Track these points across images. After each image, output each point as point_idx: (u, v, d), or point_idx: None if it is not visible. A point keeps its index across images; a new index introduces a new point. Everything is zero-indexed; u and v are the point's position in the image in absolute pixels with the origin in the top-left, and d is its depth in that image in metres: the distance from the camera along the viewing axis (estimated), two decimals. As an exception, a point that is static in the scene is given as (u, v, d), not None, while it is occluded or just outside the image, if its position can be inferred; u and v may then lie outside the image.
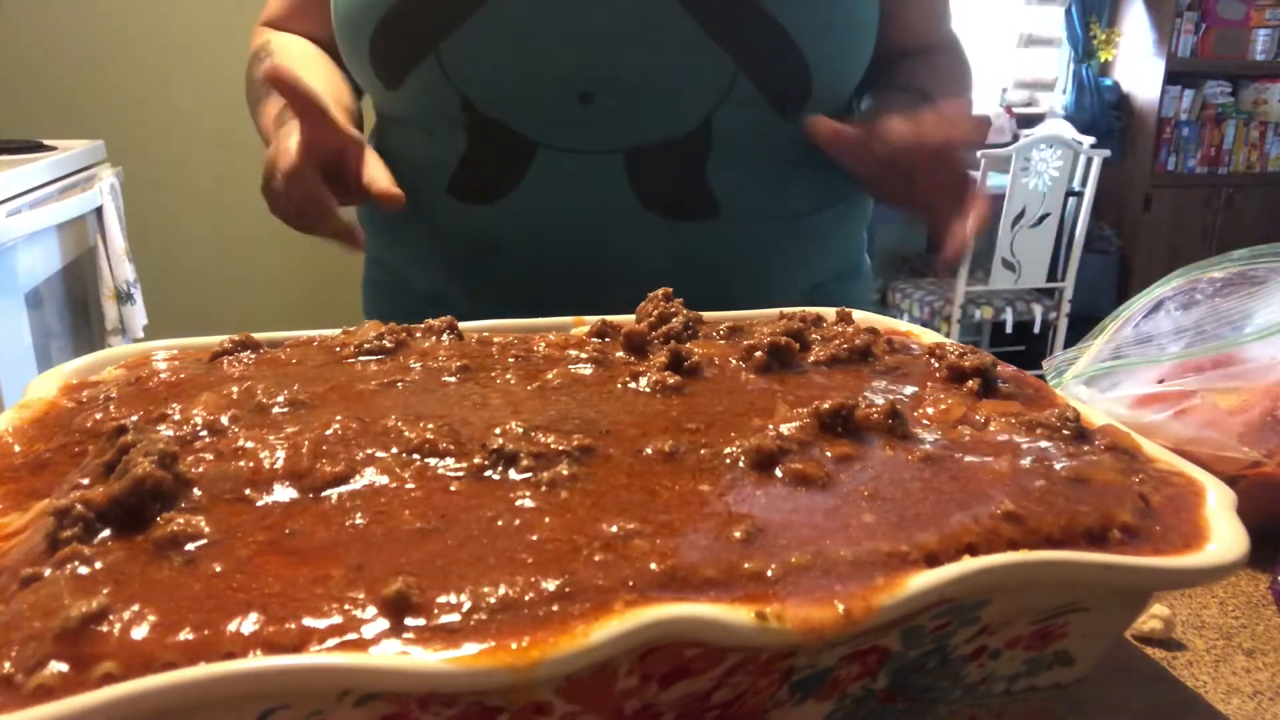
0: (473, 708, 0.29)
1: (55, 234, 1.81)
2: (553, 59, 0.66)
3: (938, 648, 0.36)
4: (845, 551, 0.34)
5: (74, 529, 0.33)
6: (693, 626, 0.30)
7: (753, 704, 0.34)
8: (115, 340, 2.03)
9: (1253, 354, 0.65)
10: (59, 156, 1.90)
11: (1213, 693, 0.47)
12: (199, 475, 0.37)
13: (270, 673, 0.27)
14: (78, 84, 2.72)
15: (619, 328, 0.59)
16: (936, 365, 0.55)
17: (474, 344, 0.57)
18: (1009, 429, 0.46)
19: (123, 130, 2.70)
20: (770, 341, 0.53)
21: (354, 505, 0.36)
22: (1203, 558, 0.36)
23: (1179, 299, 0.73)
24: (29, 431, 0.45)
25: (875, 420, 0.44)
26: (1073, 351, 0.78)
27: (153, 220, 2.78)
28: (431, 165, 0.73)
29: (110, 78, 2.74)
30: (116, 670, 0.27)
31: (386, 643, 0.29)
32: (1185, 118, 3.73)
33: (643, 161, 0.66)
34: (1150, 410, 0.65)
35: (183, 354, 0.56)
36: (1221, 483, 0.41)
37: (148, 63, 2.75)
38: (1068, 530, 0.37)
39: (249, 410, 0.44)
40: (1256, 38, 3.73)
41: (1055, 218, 2.88)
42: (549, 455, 0.40)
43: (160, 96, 2.77)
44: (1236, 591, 0.57)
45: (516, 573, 0.32)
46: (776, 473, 0.40)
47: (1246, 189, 3.84)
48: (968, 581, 0.33)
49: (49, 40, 2.68)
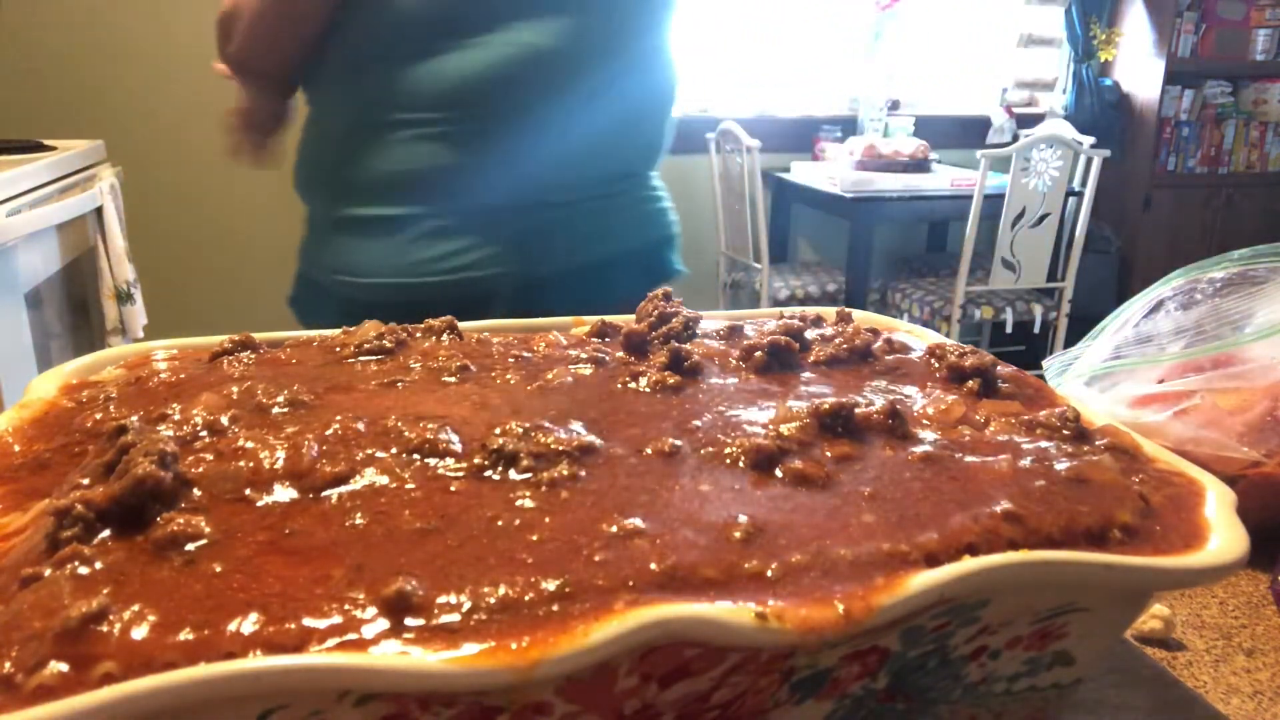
0: (473, 708, 0.29)
1: (55, 234, 1.81)
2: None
3: (938, 648, 0.36)
4: (845, 551, 0.34)
5: (74, 529, 0.33)
6: (693, 626, 0.30)
7: (753, 704, 0.34)
8: (115, 340, 2.03)
9: (1253, 354, 0.65)
10: (59, 156, 1.90)
11: (1213, 693, 0.47)
12: (199, 475, 0.37)
13: (270, 673, 0.27)
14: (78, 84, 2.71)
15: (619, 328, 0.59)
16: (936, 365, 0.55)
17: (474, 344, 0.57)
18: (1009, 429, 0.46)
19: (123, 130, 2.70)
20: (770, 341, 0.53)
21: (354, 505, 0.36)
22: (1203, 558, 0.36)
23: (1179, 299, 0.73)
24: (29, 431, 0.45)
25: (875, 420, 0.44)
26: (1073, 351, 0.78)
27: (153, 220, 2.78)
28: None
29: (110, 78, 2.73)
30: (116, 670, 0.27)
31: (386, 643, 0.29)
32: (1185, 118, 3.73)
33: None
34: (1150, 410, 0.65)
35: (183, 354, 0.56)
36: (1221, 483, 0.41)
37: (148, 63, 2.74)
38: (1068, 530, 0.37)
39: (249, 410, 0.44)
40: (1256, 38, 3.72)
41: (1055, 218, 2.88)
42: (549, 455, 0.40)
43: (160, 96, 2.77)
44: (1236, 591, 0.57)
45: (516, 573, 0.32)
46: (776, 473, 0.40)
47: (1246, 189, 3.84)
48: (968, 581, 0.33)
49: (49, 40, 2.68)
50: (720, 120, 3.17)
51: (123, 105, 2.76)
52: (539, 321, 0.62)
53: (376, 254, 0.92)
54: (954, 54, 3.80)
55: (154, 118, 2.79)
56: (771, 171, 3.39)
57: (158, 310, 2.36)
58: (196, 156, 2.83)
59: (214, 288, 2.95)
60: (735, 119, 3.14)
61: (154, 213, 2.79)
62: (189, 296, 2.90)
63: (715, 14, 3.40)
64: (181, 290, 2.87)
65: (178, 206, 2.87)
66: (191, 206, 2.88)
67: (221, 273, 2.94)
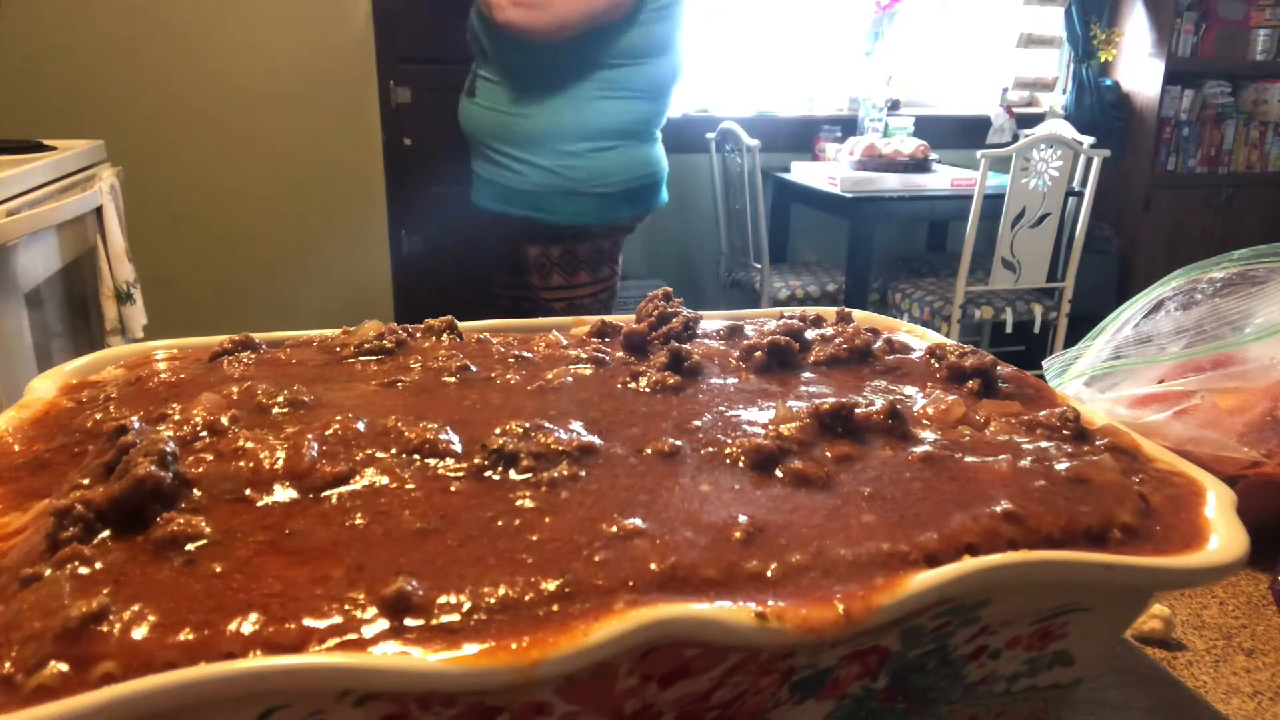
0: (473, 708, 0.29)
1: (55, 234, 1.80)
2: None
3: (938, 648, 0.36)
4: (845, 551, 0.34)
5: (74, 529, 0.33)
6: (693, 626, 0.30)
7: (753, 704, 0.34)
8: (115, 340, 2.03)
9: (1253, 354, 0.65)
10: (59, 156, 1.90)
11: (1213, 693, 0.47)
12: (199, 475, 0.37)
13: (270, 673, 0.27)
14: (78, 84, 2.71)
15: (619, 328, 0.59)
16: (936, 365, 0.55)
17: (474, 344, 0.57)
18: (1009, 429, 0.46)
19: (123, 130, 2.70)
20: (770, 341, 0.53)
21: (354, 505, 0.36)
22: (1203, 558, 0.36)
23: (1179, 299, 0.73)
24: (29, 431, 0.45)
25: (875, 420, 0.44)
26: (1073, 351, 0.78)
27: (153, 220, 2.78)
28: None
29: (110, 78, 2.73)
30: (116, 670, 0.27)
31: (386, 643, 0.29)
32: (1185, 118, 3.72)
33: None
34: (1150, 410, 0.65)
35: (183, 354, 0.56)
36: (1221, 483, 0.41)
37: (148, 63, 2.74)
38: (1068, 530, 0.37)
39: (249, 410, 0.44)
40: (1256, 38, 3.72)
41: (1055, 218, 2.87)
42: (549, 455, 0.40)
43: (160, 96, 2.77)
44: (1236, 591, 0.57)
45: (517, 573, 0.32)
46: (776, 473, 0.40)
47: (1246, 189, 3.84)
48: (968, 581, 0.33)
49: (49, 40, 2.68)
50: (720, 120, 3.17)
51: (123, 105, 2.76)
52: (539, 321, 0.62)
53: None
54: (954, 54, 3.80)
55: (154, 118, 2.78)
56: (771, 171, 3.39)
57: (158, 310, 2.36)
58: (196, 156, 2.83)
59: (214, 288, 2.95)
60: (735, 119, 3.14)
61: (154, 213, 2.79)
62: (189, 296, 2.90)
63: (715, 14, 3.40)
64: (181, 290, 2.87)
65: (178, 206, 2.87)
66: (191, 206, 2.88)
67: (221, 273, 2.94)
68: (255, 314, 2.91)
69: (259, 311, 2.93)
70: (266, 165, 2.81)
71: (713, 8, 3.39)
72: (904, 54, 3.63)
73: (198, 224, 2.90)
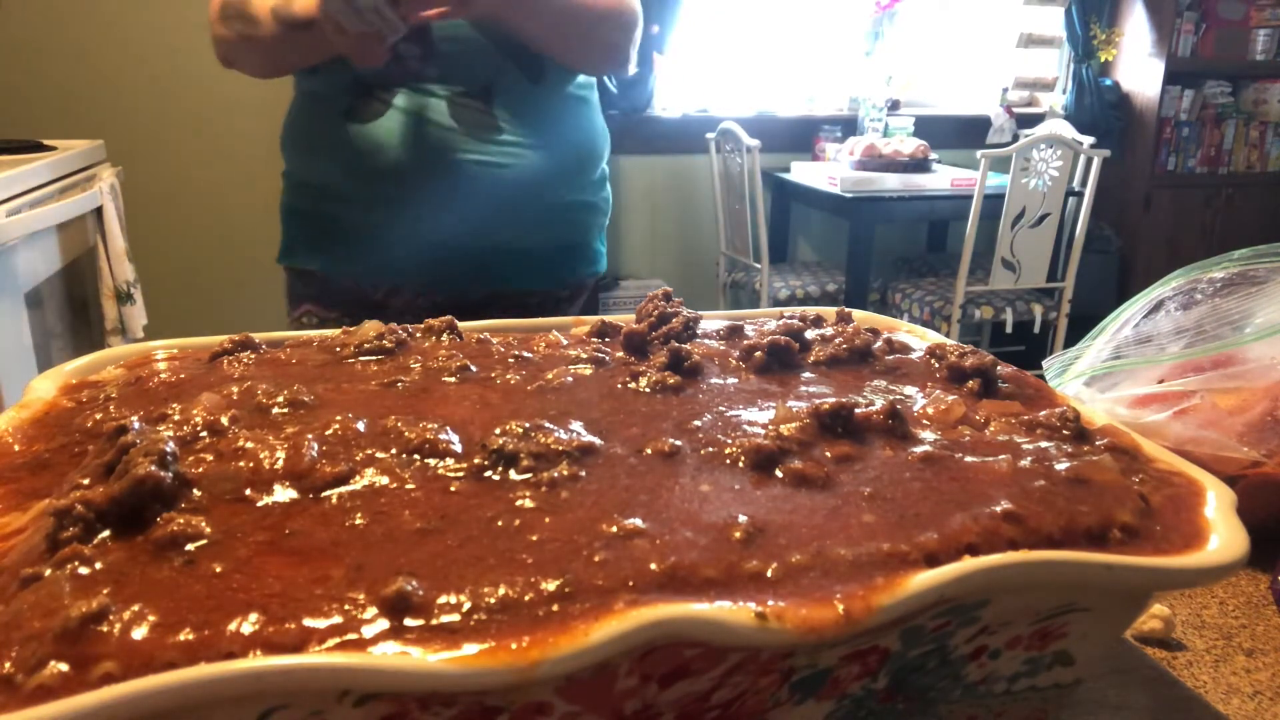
0: (473, 708, 0.29)
1: (55, 234, 1.81)
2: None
3: (938, 648, 0.36)
4: (845, 551, 0.34)
5: (74, 529, 0.33)
6: (693, 626, 0.30)
7: (753, 704, 0.34)
8: (115, 340, 2.03)
9: (1253, 354, 0.65)
10: (59, 156, 1.90)
11: (1213, 693, 0.47)
12: (199, 475, 0.37)
13: (270, 673, 0.27)
14: (78, 84, 2.71)
15: (619, 328, 0.59)
16: (936, 365, 0.55)
17: (474, 344, 0.57)
18: (1009, 429, 0.46)
19: (123, 130, 2.70)
20: (770, 341, 0.53)
21: (354, 505, 0.36)
22: (1203, 558, 0.36)
23: (1179, 299, 0.73)
24: (29, 431, 0.45)
25: (875, 420, 0.44)
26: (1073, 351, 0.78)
27: (153, 220, 2.78)
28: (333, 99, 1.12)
29: (110, 78, 2.73)
30: (116, 670, 0.27)
31: (386, 643, 0.29)
32: (1185, 118, 3.72)
33: (458, 103, 1.08)
34: (1150, 410, 0.65)
35: (183, 354, 0.56)
36: (1221, 483, 0.41)
37: (148, 63, 2.74)
38: (1068, 530, 0.37)
39: (249, 410, 0.44)
40: (1256, 38, 3.72)
41: (1055, 218, 2.88)
42: (549, 455, 0.40)
43: (160, 96, 2.77)
44: (1236, 591, 0.57)
45: (517, 573, 0.32)
46: (776, 473, 0.40)
47: (1246, 189, 3.84)
48: (968, 581, 0.33)
49: (49, 40, 2.68)
50: (720, 120, 3.17)
51: (123, 105, 2.76)
52: (539, 321, 0.63)
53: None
54: (954, 54, 3.80)
55: (154, 118, 2.79)
56: (771, 171, 3.39)
57: (158, 310, 2.36)
58: (196, 156, 2.83)
59: (214, 288, 2.95)
60: (735, 119, 3.14)
61: (154, 213, 2.79)
62: (189, 296, 2.90)
63: (715, 14, 3.40)
64: (181, 290, 2.87)
65: (178, 206, 2.87)
66: (191, 206, 2.88)
67: (221, 273, 2.94)
68: (255, 314, 2.91)
69: (259, 311, 2.93)
70: (267, 165, 2.81)
71: (712, 8, 3.39)
72: (904, 54, 3.63)
73: (198, 224, 2.90)
